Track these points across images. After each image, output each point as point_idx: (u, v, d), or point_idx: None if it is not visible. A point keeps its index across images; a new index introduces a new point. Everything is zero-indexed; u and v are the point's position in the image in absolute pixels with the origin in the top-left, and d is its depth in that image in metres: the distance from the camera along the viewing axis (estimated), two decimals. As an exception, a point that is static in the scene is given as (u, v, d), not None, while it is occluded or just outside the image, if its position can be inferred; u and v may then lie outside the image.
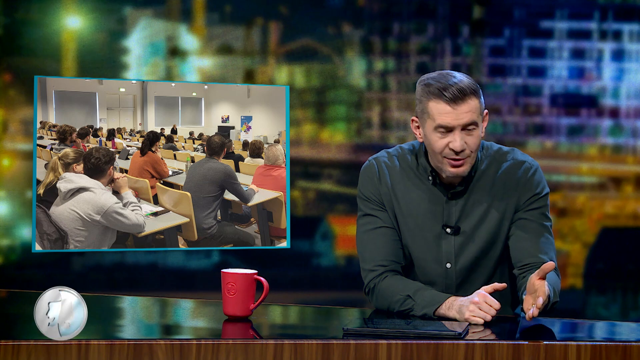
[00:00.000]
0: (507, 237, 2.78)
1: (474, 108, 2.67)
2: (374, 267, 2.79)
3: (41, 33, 5.01)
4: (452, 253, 2.77)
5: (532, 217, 2.77)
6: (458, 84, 2.66)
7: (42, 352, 2.19)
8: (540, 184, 2.79)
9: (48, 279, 4.98)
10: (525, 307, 2.48)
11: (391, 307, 2.71)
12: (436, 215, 2.78)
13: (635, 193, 5.36)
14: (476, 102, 2.68)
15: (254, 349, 2.24)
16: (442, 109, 2.66)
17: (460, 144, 2.67)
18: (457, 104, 2.65)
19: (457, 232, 2.77)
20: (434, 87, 2.67)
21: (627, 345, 2.31)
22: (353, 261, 5.15)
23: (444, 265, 2.78)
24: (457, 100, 2.65)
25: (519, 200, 2.78)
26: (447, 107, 2.66)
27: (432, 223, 2.78)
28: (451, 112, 2.66)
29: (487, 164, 2.79)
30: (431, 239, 2.78)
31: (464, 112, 2.66)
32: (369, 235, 2.82)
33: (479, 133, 2.71)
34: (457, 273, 2.78)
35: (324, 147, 5.24)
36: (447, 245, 2.78)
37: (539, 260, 2.71)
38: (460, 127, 2.67)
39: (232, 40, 5.19)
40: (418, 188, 2.80)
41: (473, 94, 2.67)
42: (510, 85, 5.26)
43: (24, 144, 5.02)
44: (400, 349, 2.26)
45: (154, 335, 2.40)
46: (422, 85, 2.71)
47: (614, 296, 5.37)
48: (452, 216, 2.77)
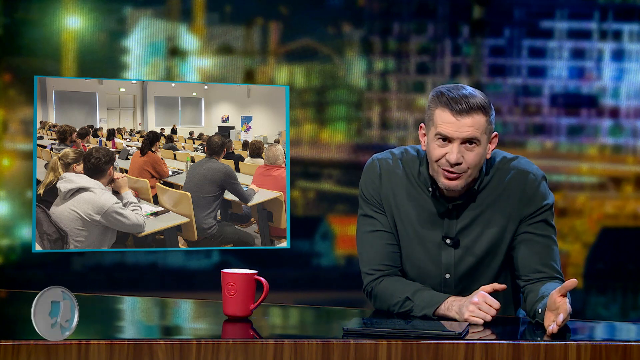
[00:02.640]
0: (509, 248, 2.77)
1: (479, 124, 2.65)
2: (370, 270, 2.78)
3: (41, 33, 5.01)
4: (451, 265, 2.76)
5: (536, 230, 2.74)
6: (467, 97, 2.65)
7: (42, 352, 2.19)
8: (545, 196, 2.76)
9: (48, 279, 4.97)
10: (546, 323, 2.44)
11: (391, 309, 2.71)
12: (436, 226, 2.77)
13: (635, 193, 5.36)
14: (482, 119, 2.65)
15: (254, 349, 2.24)
16: (445, 118, 2.65)
17: (457, 157, 2.65)
18: (462, 116, 2.64)
19: (457, 244, 2.76)
20: (444, 96, 2.66)
21: (627, 345, 2.31)
22: (353, 261, 5.16)
23: (443, 275, 2.77)
24: (462, 113, 2.63)
25: (523, 213, 2.74)
26: (450, 117, 2.64)
27: (432, 233, 2.77)
28: (454, 122, 2.64)
29: (491, 176, 2.77)
30: (430, 250, 2.77)
31: (466, 126, 2.64)
32: (367, 237, 2.81)
33: (481, 151, 2.67)
34: (456, 283, 2.77)
35: (324, 147, 5.24)
36: (447, 257, 2.76)
37: (544, 272, 2.71)
38: (459, 140, 2.65)
39: (232, 40, 5.19)
40: (419, 197, 2.78)
41: (480, 110, 2.65)
42: (510, 85, 5.26)
43: (24, 144, 5.02)
44: (400, 349, 2.26)
45: (154, 335, 2.40)
46: (434, 93, 2.71)
47: (614, 296, 5.37)
48: (452, 228, 2.76)
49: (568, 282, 2.41)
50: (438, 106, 2.67)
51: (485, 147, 2.68)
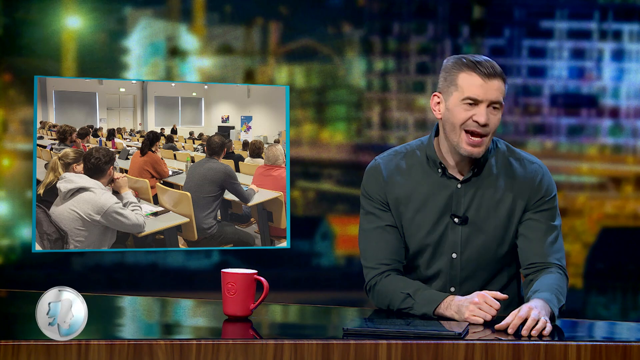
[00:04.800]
0: (514, 236, 2.79)
1: (502, 89, 2.72)
2: (375, 265, 2.79)
3: (41, 33, 5.01)
4: (458, 243, 2.78)
5: (541, 218, 2.78)
6: (491, 61, 2.72)
7: (42, 352, 2.19)
8: (550, 186, 2.82)
9: (48, 279, 4.98)
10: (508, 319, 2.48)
11: (391, 306, 2.72)
12: (446, 205, 2.78)
13: (635, 193, 5.36)
14: (503, 85, 2.73)
15: (254, 349, 2.24)
16: (474, 81, 2.70)
17: (486, 117, 2.69)
18: (490, 79, 2.69)
19: (465, 221, 2.78)
20: (468, 59, 2.72)
21: (627, 345, 2.31)
22: (353, 261, 5.15)
23: (450, 255, 2.79)
24: (490, 76, 2.70)
25: (529, 200, 2.79)
26: (479, 80, 2.70)
27: (441, 213, 2.78)
28: (482, 85, 2.69)
29: (499, 158, 2.81)
30: (439, 229, 2.79)
31: (493, 89, 2.70)
32: (372, 233, 2.82)
33: (500, 117, 2.74)
34: (462, 264, 2.78)
35: (324, 147, 5.24)
36: (454, 235, 2.78)
37: (545, 261, 2.73)
38: (487, 103, 2.70)
39: (232, 40, 5.19)
40: (428, 180, 2.80)
41: (502, 77, 2.72)
42: (510, 85, 5.26)
43: (24, 144, 5.02)
44: (400, 349, 2.26)
45: (154, 335, 2.40)
46: (453, 59, 2.75)
47: (614, 296, 5.37)
48: (460, 206, 2.78)
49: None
50: (463, 69, 2.72)
51: (501, 113, 2.75)
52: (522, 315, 2.42)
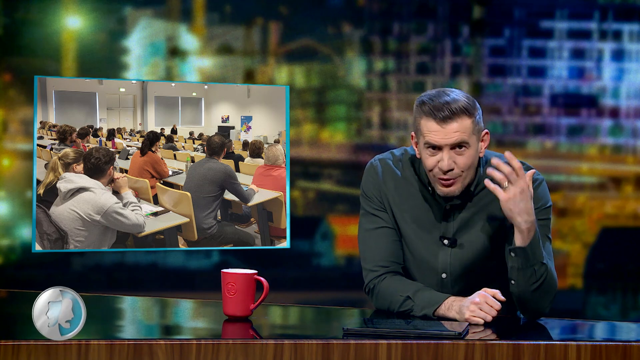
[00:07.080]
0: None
1: (465, 128, 2.66)
2: (374, 267, 2.79)
3: (41, 33, 5.01)
4: (447, 264, 2.77)
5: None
6: (450, 103, 2.65)
7: (42, 352, 2.19)
8: (544, 196, 2.76)
9: (48, 279, 4.98)
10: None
11: (391, 308, 2.72)
12: (434, 226, 2.77)
13: (635, 193, 5.36)
14: (468, 121, 2.66)
15: (254, 349, 2.24)
16: (431, 127, 2.67)
17: (448, 163, 2.66)
18: (446, 123, 2.65)
19: (454, 244, 2.76)
20: (426, 105, 2.68)
21: (627, 345, 2.31)
22: (353, 261, 5.16)
23: (440, 275, 2.78)
24: (446, 119, 2.65)
25: None
26: (435, 126, 2.66)
27: (430, 233, 2.77)
28: (440, 130, 2.66)
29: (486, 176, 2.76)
30: (428, 249, 2.78)
31: (452, 132, 2.65)
32: (371, 234, 2.81)
33: (472, 153, 2.68)
34: (453, 284, 2.78)
35: (324, 147, 5.24)
36: (444, 256, 2.77)
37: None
38: (449, 147, 2.66)
39: (232, 40, 5.19)
40: (418, 197, 2.79)
41: (465, 113, 2.65)
42: (510, 85, 5.26)
43: (24, 144, 5.02)
44: (400, 349, 2.26)
45: (154, 335, 2.40)
46: (417, 103, 2.72)
47: (614, 296, 5.37)
48: (450, 228, 2.77)
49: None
50: (422, 116, 2.69)
51: (476, 147, 2.69)
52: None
